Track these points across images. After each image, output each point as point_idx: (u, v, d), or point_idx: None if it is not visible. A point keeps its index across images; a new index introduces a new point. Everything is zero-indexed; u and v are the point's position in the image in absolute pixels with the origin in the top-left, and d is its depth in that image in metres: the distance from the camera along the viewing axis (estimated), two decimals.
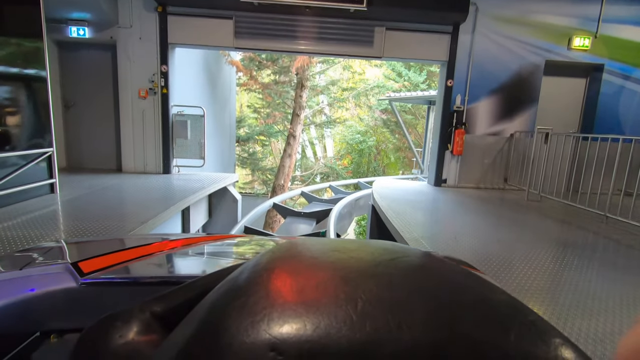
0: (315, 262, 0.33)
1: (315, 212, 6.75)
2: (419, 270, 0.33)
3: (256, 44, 5.70)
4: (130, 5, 5.44)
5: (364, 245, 0.37)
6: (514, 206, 4.92)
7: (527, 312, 0.30)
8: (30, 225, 2.97)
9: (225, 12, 5.42)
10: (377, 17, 5.44)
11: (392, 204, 4.54)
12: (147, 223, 3.24)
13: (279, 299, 0.27)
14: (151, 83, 5.61)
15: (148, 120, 5.72)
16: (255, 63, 12.61)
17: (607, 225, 3.96)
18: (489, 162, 6.12)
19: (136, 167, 5.82)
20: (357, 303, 0.26)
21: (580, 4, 5.76)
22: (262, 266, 0.33)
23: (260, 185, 16.09)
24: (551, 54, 5.89)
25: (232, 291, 0.30)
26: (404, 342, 0.24)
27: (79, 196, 4.08)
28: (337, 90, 15.46)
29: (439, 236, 3.43)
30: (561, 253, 3.01)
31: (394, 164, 16.73)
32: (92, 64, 5.82)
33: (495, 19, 5.74)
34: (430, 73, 14.19)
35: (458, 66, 5.80)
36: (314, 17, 5.43)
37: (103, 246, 1.16)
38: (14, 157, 3.60)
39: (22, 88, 3.76)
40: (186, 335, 0.28)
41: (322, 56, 11.81)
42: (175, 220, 4.49)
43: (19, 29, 3.72)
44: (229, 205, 5.90)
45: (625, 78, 6.01)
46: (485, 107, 5.99)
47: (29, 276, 0.79)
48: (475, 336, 0.25)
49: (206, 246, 1.23)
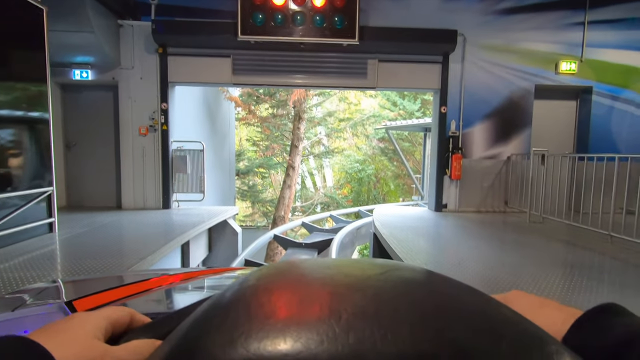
0: (302, 278, 0.33)
1: (316, 243, 6.67)
2: (408, 282, 0.32)
3: (254, 80, 5.89)
4: (132, 48, 5.67)
5: (356, 262, 0.37)
6: (517, 229, 4.87)
7: (520, 320, 0.29)
8: (27, 266, 2.93)
9: (224, 51, 5.63)
10: (369, 50, 5.65)
11: (394, 231, 4.49)
12: (146, 259, 3.19)
13: (260, 314, 0.27)
14: (151, 120, 5.73)
15: (148, 157, 5.78)
16: (253, 98, 12.95)
17: (613, 245, 3.90)
18: (488, 185, 6.14)
19: (136, 204, 5.81)
20: (340, 316, 0.25)
21: (564, 31, 6.02)
22: (246, 284, 0.32)
23: (260, 218, 16.01)
24: (540, 79, 6.07)
25: (213, 309, 0.29)
26: (389, 354, 0.23)
27: (78, 234, 4.05)
28: (334, 121, 15.77)
29: (442, 262, 3.37)
30: (569, 274, 2.95)
31: (394, 191, 16.75)
32: (93, 104, 5.98)
33: (483, 48, 5.96)
34: (425, 101, 14.55)
35: (451, 93, 5.96)
36: (309, 53, 5.64)
37: (100, 284, 1.14)
38: (14, 197, 3.61)
39: (25, 130, 3.84)
40: (163, 354, 0.27)
41: (318, 89, 12.16)
42: (174, 256, 4.43)
43: (25, 74, 3.85)
44: (229, 238, 5.84)
45: (614, 99, 6.16)
46: (480, 132, 6.09)
47: (21, 317, 0.77)
48: (465, 345, 0.24)
49: (206, 280, 1.21)
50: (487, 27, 5.94)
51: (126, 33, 5.64)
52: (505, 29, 5.97)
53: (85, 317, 0.36)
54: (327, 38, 5.18)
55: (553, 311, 0.37)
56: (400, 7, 5.84)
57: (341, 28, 5.12)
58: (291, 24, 5.08)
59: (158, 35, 5.35)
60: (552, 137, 6.27)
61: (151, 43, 5.55)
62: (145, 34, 5.54)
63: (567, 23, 6.01)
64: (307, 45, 5.42)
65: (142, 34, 5.60)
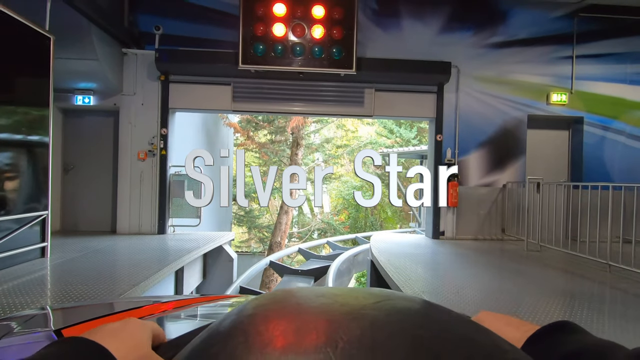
0: (298, 307, 0.33)
1: (313, 270, 6.57)
2: (402, 311, 0.33)
3: (253, 107, 6.01)
4: (135, 75, 5.81)
5: (351, 291, 0.38)
6: (514, 257, 4.84)
7: (513, 350, 0.30)
8: (17, 291, 2.85)
9: (224, 79, 5.78)
10: (366, 80, 5.82)
11: (391, 259, 4.45)
12: (139, 285, 3.12)
13: (258, 343, 0.27)
14: (150, 145, 5.78)
15: (146, 181, 5.78)
16: (252, 124, 13.15)
17: (612, 274, 3.87)
18: (485, 212, 6.15)
19: (131, 228, 5.75)
20: (337, 344, 0.26)
21: (553, 64, 6.25)
22: (244, 313, 0.33)
23: (256, 244, 15.81)
24: (532, 109, 6.24)
25: (211, 338, 0.30)
26: None
27: (70, 259, 3.98)
28: (331, 148, 15.94)
29: (440, 290, 3.31)
30: (568, 304, 2.90)
31: (391, 218, 16.68)
32: (94, 129, 6.04)
33: (477, 79, 6.16)
34: (421, 129, 14.80)
35: (446, 122, 6.09)
36: (308, 82, 5.80)
37: (90, 311, 1.12)
38: (8, 221, 3.57)
39: (25, 153, 3.85)
40: None
41: (316, 116, 12.38)
42: (167, 282, 4.34)
43: (29, 99, 3.92)
44: (224, 264, 5.75)
45: (605, 129, 6.31)
46: (475, 160, 6.17)
47: (8, 347, 0.75)
48: None
49: (199, 308, 1.18)
50: (480, 60, 6.17)
51: (130, 61, 5.79)
52: (497, 62, 6.20)
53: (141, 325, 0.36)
54: (326, 68, 5.35)
55: (513, 328, 0.41)
56: (396, 39, 6.07)
57: (339, 59, 5.29)
58: (291, 55, 5.25)
59: (161, 63, 5.51)
60: (546, 165, 6.36)
61: (154, 70, 5.69)
62: (148, 62, 5.70)
63: (556, 57, 6.26)
64: (306, 75, 5.58)
65: (145, 61, 5.75)
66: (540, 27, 6.23)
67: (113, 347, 0.30)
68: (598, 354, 0.32)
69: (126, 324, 0.35)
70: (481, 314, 0.45)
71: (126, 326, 0.34)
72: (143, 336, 0.34)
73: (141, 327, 0.35)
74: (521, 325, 0.41)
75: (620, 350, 0.32)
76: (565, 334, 0.36)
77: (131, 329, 0.34)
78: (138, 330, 0.34)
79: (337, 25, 5.23)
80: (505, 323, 0.42)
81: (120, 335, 0.33)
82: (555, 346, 0.35)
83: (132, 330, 0.34)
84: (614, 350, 0.32)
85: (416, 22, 6.11)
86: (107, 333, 0.32)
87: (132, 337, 0.33)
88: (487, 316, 0.45)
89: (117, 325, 0.34)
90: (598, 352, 0.33)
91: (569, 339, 0.35)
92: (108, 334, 0.32)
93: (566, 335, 0.36)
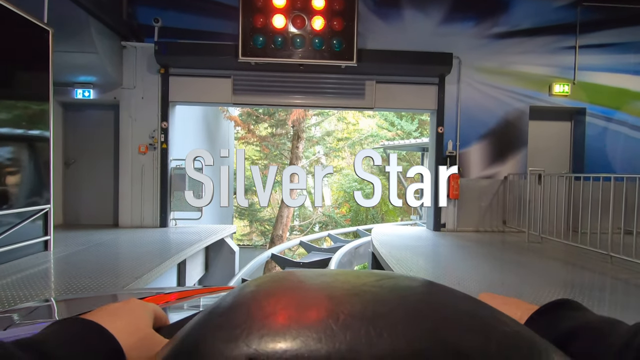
0: (300, 284, 0.34)
1: (314, 262, 6.61)
2: (403, 287, 0.33)
3: (253, 100, 5.99)
4: (135, 69, 5.78)
5: (351, 271, 0.38)
6: (516, 248, 4.85)
7: (513, 323, 0.30)
8: (20, 284, 2.88)
9: (224, 71, 5.75)
10: (367, 72, 5.78)
11: (393, 251, 4.46)
12: (142, 278, 3.15)
13: (260, 315, 0.27)
14: (151, 139, 5.78)
15: (147, 175, 5.79)
16: (252, 117, 13.11)
17: (613, 265, 3.88)
18: (486, 204, 6.15)
19: (133, 222, 5.77)
20: (338, 316, 0.26)
21: (556, 54, 6.19)
22: (246, 289, 0.33)
23: (258, 237, 15.88)
24: (534, 100, 6.19)
25: (215, 311, 0.30)
26: (384, 351, 0.24)
27: (73, 252, 4.00)
28: (332, 141, 15.91)
29: (441, 282, 3.26)
30: (569, 295, 2.92)
31: (393, 211, 16.70)
32: (94, 123, 6.03)
33: (478, 70, 6.11)
34: (422, 121, 14.75)
35: (447, 114, 6.06)
36: (308, 74, 5.76)
37: (94, 303, 1.13)
38: (10, 215, 3.58)
39: (25, 148, 3.86)
40: (170, 350, 0.28)
41: (316, 109, 12.33)
42: (170, 275, 4.37)
43: (28, 93, 3.91)
44: (226, 257, 5.78)
45: (608, 120, 6.27)
46: (477, 152, 6.15)
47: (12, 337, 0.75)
48: (457, 344, 0.25)
49: (202, 299, 1.19)
50: (482, 50, 6.11)
51: (129, 54, 5.76)
52: (499, 52, 6.14)
53: (142, 306, 0.36)
54: (326, 60, 5.31)
55: (513, 308, 0.41)
56: (397, 30, 6.01)
57: (339, 50, 5.25)
58: (291, 47, 5.21)
59: (161, 56, 5.47)
60: (548, 157, 6.34)
61: (153, 64, 5.66)
62: (147, 55, 5.66)
63: (559, 47, 6.19)
64: (307, 67, 5.54)
65: (144, 55, 5.72)
66: (542, 17, 6.15)
67: (113, 327, 0.30)
68: (599, 330, 0.33)
69: (127, 305, 0.35)
70: (482, 295, 0.46)
71: (127, 306, 0.34)
72: (144, 316, 0.34)
73: (142, 307, 0.35)
74: (522, 305, 0.42)
75: (620, 326, 0.33)
76: (566, 310, 0.37)
77: (132, 309, 0.34)
78: (139, 310, 0.34)
79: (337, 16, 5.18)
80: (507, 303, 0.42)
81: (121, 316, 0.33)
82: (556, 323, 0.35)
83: (133, 311, 0.34)
84: (614, 325, 0.33)
85: (417, 13, 6.04)
86: (107, 313, 0.32)
87: (133, 318, 0.33)
88: (488, 297, 0.45)
89: (117, 306, 0.34)
90: (599, 327, 0.33)
91: (569, 315, 0.36)
92: (108, 314, 0.32)
93: (566, 312, 0.36)
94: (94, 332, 0.29)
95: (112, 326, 0.30)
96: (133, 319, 0.33)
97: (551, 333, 0.34)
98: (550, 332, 0.34)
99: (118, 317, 0.32)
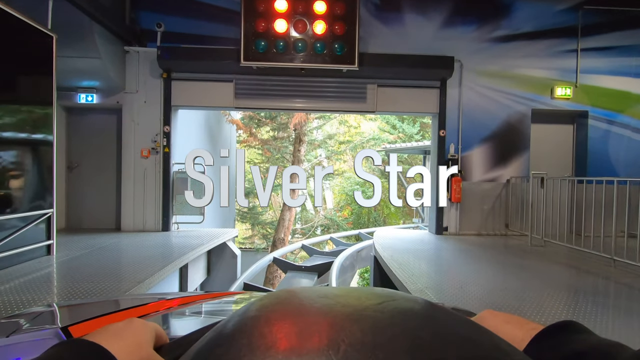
0: (301, 309, 0.34)
1: (316, 266, 6.59)
2: (404, 312, 0.33)
3: (255, 104, 6.01)
4: (137, 73, 5.81)
5: (353, 291, 0.38)
6: (518, 252, 4.82)
7: (513, 352, 0.30)
8: (24, 289, 2.89)
9: (226, 76, 5.77)
10: (368, 75, 5.79)
11: (395, 254, 4.45)
12: (144, 282, 3.15)
13: (261, 346, 0.27)
14: (154, 143, 5.80)
15: (149, 179, 5.81)
16: (254, 121, 13.14)
17: (616, 269, 3.85)
18: (489, 208, 6.13)
19: (135, 226, 5.79)
20: (339, 347, 0.26)
21: (557, 58, 6.18)
22: (248, 314, 0.33)
23: (260, 240, 15.87)
24: (536, 103, 6.18)
25: (216, 339, 0.30)
26: None
27: (76, 257, 4.01)
28: (334, 144, 15.92)
29: (444, 286, 3.32)
30: (573, 299, 2.90)
31: (394, 214, 16.66)
32: (97, 127, 6.07)
33: (480, 73, 6.11)
34: (424, 124, 14.73)
35: (449, 117, 6.06)
36: (310, 78, 5.78)
37: (96, 308, 1.13)
38: (14, 219, 3.60)
39: (29, 152, 3.88)
40: None
41: (318, 112, 12.36)
42: (172, 279, 4.37)
43: (32, 98, 3.93)
44: (228, 261, 5.78)
45: (610, 123, 6.25)
46: (479, 155, 6.14)
47: (15, 344, 0.75)
48: None
49: (204, 305, 1.19)
50: (483, 54, 6.11)
51: (132, 59, 5.80)
52: (500, 56, 6.14)
53: (143, 326, 0.36)
54: (328, 64, 5.32)
55: (516, 327, 0.41)
56: (398, 34, 6.03)
57: (341, 54, 5.26)
58: (292, 51, 5.23)
59: (163, 61, 5.50)
60: (550, 160, 6.32)
61: (156, 68, 5.69)
62: (150, 60, 5.70)
63: (561, 50, 6.19)
64: (308, 71, 5.56)
65: (147, 59, 5.75)
66: (544, 21, 6.16)
67: (115, 349, 0.30)
68: (602, 354, 0.32)
69: (128, 325, 0.35)
70: (485, 312, 0.46)
71: (128, 327, 0.35)
72: (145, 337, 0.34)
73: (143, 328, 0.36)
74: (525, 325, 0.41)
75: (624, 350, 0.32)
76: (570, 333, 0.36)
77: (133, 330, 0.34)
78: (140, 331, 0.35)
79: (339, 20, 5.20)
80: (509, 322, 0.42)
81: (123, 337, 0.33)
82: (559, 346, 0.35)
83: (134, 331, 0.34)
84: (618, 350, 0.32)
85: (418, 17, 6.06)
86: (109, 334, 0.33)
87: (134, 338, 0.33)
88: (490, 315, 0.45)
89: (119, 326, 0.34)
90: (603, 351, 0.33)
91: (573, 338, 0.35)
92: (110, 335, 0.33)
93: (570, 335, 0.36)
94: (95, 354, 0.29)
95: (114, 347, 0.30)
96: (134, 340, 0.33)
97: (555, 357, 0.33)
98: (554, 355, 0.34)
99: (120, 338, 0.33)
